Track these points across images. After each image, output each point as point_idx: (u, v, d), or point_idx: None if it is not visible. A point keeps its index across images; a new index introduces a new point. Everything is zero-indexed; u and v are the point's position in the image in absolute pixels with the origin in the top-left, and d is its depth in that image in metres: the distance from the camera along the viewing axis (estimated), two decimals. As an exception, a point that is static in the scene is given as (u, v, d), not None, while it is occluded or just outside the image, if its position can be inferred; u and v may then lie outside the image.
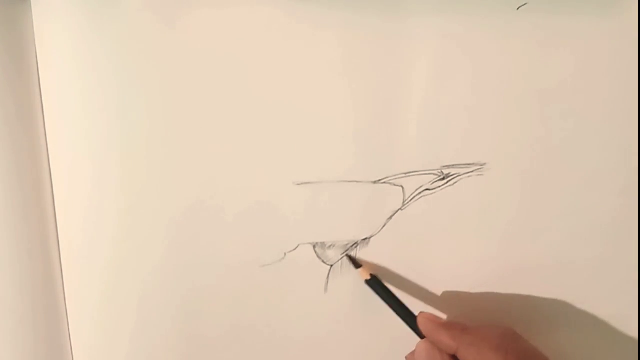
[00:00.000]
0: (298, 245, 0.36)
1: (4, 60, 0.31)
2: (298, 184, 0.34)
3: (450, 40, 0.31)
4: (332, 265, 0.36)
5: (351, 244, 0.36)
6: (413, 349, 0.34)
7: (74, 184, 0.34)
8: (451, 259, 0.36)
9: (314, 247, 0.36)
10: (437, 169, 0.34)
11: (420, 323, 0.33)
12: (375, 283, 0.35)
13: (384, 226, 0.36)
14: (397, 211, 0.35)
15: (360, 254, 0.36)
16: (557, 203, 0.34)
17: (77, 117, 0.33)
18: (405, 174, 0.34)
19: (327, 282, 0.37)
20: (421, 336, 0.34)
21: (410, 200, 0.35)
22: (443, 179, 0.34)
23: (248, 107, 0.33)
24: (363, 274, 0.35)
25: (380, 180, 0.35)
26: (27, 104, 0.32)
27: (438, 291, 0.37)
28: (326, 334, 0.38)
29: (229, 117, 0.33)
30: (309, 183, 0.34)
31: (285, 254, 0.36)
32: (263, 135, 0.33)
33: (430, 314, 0.34)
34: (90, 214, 0.34)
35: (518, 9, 0.31)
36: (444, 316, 0.37)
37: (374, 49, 0.32)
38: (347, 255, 0.36)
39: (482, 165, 0.34)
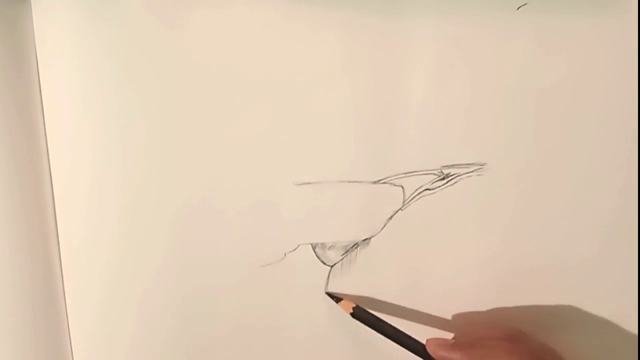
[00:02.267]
0: (298, 246, 0.36)
1: (4, 60, 0.31)
2: (298, 184, 0.34)
3: (450, 40, 0.32)
4: (332, 266, 0.36)
5: (351, 244, 0.36)
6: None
7: (74, 184, 0.34)
8: (451, 258, 0.36)
9: (314, 247, 0.36)
10: (437, 169, 0.34)
11: (430, 345, 0.34)
12: (360, 313, 0.35)
13: (384, 226, 0.36)
14: (397, 211, 0.35)
15: (360, 254, 0.36)
16: (557, 203, 0.34)
17: (77, 117, 0.33)
18: (405, 174, 0.34)
19: (327, 282, 0.37)
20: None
21: (410, 200, 0.35)
22: (443, 178, 0.34)
23: (248, 107, 0.33)
24: (346, 307, 0.36)
25: (380, 180, 0.35)
26: (27, 104, 0.32)
27: (438, 291, 0.37)
28: (326, 334, 0.38)
29: (229, 118, 0.33)
30: (309, 183, 0.34)
31: (285, 254, 0.36)
32: (263, 136, 0.33)
33: (438, 338, 0.34)
34: (90, 214, 0.34)
35: (518, 9, 0.31)
36: (447, 314, 0.37)
37: (373, 49, 0.32)
38: (326, 293, 0.36)
39: (482, 165, 0.34)
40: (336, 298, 0.36)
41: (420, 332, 0.35)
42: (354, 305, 0.35)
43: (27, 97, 0.32)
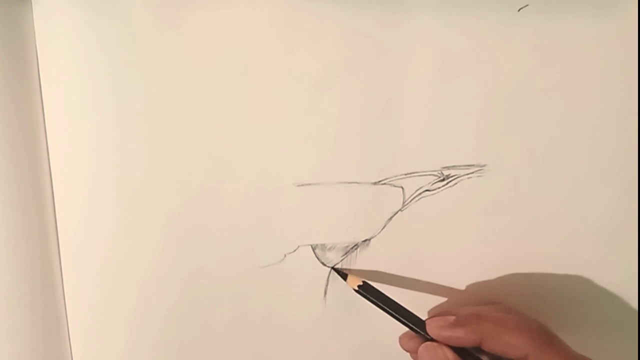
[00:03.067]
0: (298, 247, 0.36)
1: (4, 60, 0.31)
2: (298, 185, 0.34)
3: (450, 41, 0.32)
4: (332, 267, 0.36)
5: (351, 246, 0.36)
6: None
7: (73, 184, 0.34)
8: (451, 260, 0.36)
9: (314, 248, 0.36)
10: (437, 170, 0.34)
11: (431, 328, 0.31)
12: (367, 289, 0.34)
13: (384, 227, 0.36)
14: (397, 212, 0.35)
15: (360, 255, 0.36)
16: (557, 204, 0.35)
17: (77, 117, 0.33)
18: (405, 174, 0.34)
19: (327, 283, 0.37)
20: (423, 335, 0.33)
21: (410, 201, 0.35)
22: (443, 179, 0.34)
23: (248, 108, 0.33)
24: (352, 283, 0.35)
25: (380, 181, 0.35)
26: (27, 104, 0.32)
27: (438, 292, 0.37)
28: (325, 336, 0.38)
29: (228, 118, 0.33)
30: (309, 184, 0.34)
31: (284, 256, 0.36)
32: (263, 136, 0.33)
33: (438, 318, 0.32)
34: (89, 214, 0.34)
35: (519, 10, 0.31)
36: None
37: (374, 50, 0.32)
38: (332, 268, 0.36)
39: (482, 166, 0.34)
40: (343, 274, 0.36)
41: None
42: (361, 282, 0.34)
43: (27, 97, 0.32)
